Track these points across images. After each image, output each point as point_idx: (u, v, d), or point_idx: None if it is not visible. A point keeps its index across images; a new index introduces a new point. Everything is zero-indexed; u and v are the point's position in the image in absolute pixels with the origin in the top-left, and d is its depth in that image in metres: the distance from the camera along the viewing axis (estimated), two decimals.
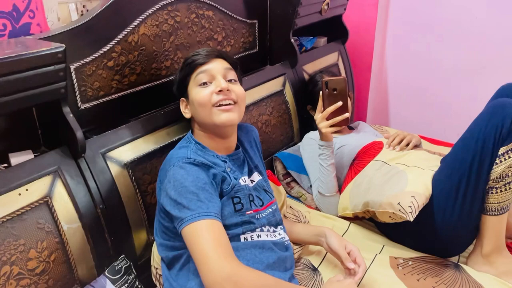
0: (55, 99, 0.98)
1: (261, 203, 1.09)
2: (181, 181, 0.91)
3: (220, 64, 1.08)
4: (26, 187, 0.97)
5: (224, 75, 1.06)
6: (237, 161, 1.12)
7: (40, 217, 0.98)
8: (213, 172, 0.99)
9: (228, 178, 1.02)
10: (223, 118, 1.02)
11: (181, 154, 1.00)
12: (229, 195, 1.01)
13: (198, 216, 0.88)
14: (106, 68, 1.19)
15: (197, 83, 1.05)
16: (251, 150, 1.19)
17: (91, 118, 1.18)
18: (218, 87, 1.02)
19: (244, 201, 1.03)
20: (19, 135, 1.11)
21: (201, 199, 0.90)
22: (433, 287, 1.16)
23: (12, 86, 0.89)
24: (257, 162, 1.19)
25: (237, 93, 1.05)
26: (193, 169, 0.95)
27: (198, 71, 1.06)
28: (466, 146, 1.20)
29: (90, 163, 1.09)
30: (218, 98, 1.02)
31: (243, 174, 1.10)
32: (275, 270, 1.00)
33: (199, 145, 1.06)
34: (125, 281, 1.09)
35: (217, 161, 1.05)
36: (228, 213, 0.99)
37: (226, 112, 1.02)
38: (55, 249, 1.01)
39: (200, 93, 1.04)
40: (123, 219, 1.15)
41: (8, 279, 0.93)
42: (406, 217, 1.20)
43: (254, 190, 1.10)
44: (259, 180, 1.14)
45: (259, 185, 1.13)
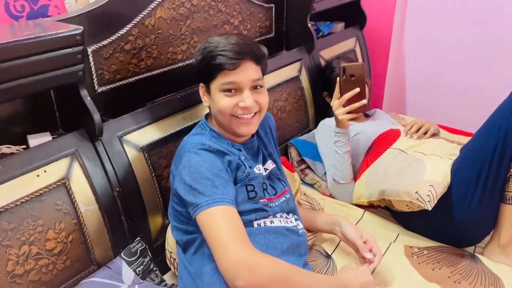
0: (72, 82, 0.98)
1: (275, 191, 1.08)
2: (196, 167, 0.91)
3: (249, 72, 0.98)
4: (44, 168, 0.98)
5: (252, 85, 1.00)
6: (251, 150, 1.10)
7: (58, 198, 0.99)
8: (228, 159, 0.98)
9: (243, 166, 1.02)
10: (242, 130, 1.01)
11: (196, 140, 0.99)
12: (243, 182, 1.00)
13: (213, 202, 0.87)
14: (123, 51, 1.19)
15: (221, 88, 0.99)
16: (265, 138, 1.17)
17: (107, 102, 1.19)
18: (243, 104, 0.98)
19: (258, 189, 1.02)
20: (37, 118, 1.12)
21: (216, 185, 0.89)
22: (448, 277, 1.14)
23: (30, 68, 0.89)
24: (271, 150, 1.17)
25: (261, 103, 1.01)
26: (208, 156, 0.94)
27: (225, 79, 0.97)
28: (489, 133, 1.17)
29: (107, 146, 1.10)
30: (241, 112, 0.99)
31: (258, 163, 1.09)
32: (290, 255, 1.00)
33: (214, 133, 1.05)
34: (141, 263, 1.10)
35: (231, 149, 1.03)
36: (242, 200, 0.98)
37: (246, 125, 1.01)
38: (73, 230, 1.02)
39: (223, 101, 0.99)
40: (139, 202, 1.15)
41: (27, 258, 0.94)
42: (424, 206, 1.19)
43: (268, 179, 1.09)
44: (272, 168, 1.13)
45: (273, 174, 1.12)
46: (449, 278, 1.14)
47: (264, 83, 1.03)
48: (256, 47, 1.02)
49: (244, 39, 1.02)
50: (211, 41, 1.01)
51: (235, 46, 0.98)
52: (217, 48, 0.98)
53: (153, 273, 1.14)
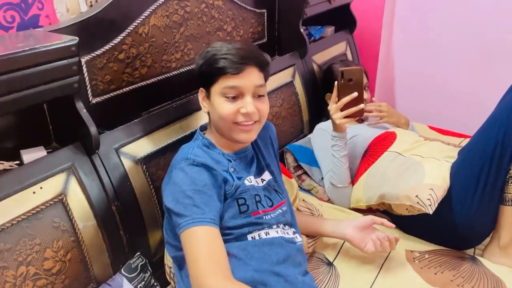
0: (68, 94, 0.95)
1: (271, 203, 1.04)
2: (180, 185, 0.90)
3: (252, 77, 0.96)
4: (40, 185, 0.94)
5: (254, 92, 0.97)
6: (244, 160, 1.07)
7: (56, 215, 0.96)
8: (214, 173, 0.95)
9: (231, 180, 0.98)
10: (242, 137, 0.99)
11: (183, 154, 0.97)
12: (233, 196, 0.97)
13: (192, 222, 0.85)
14: (117, 60, 1.16)
15: (223, 93, 0.96)
16: (264, 148, 1.14)
17: (102, 113, 1.15)
18: (245, 110, 0.95)
19: (250, 202, 0.99)
20: (29, 132, 1.08)
21: (196, 203, 0.87)
22: (451, 280, 1.14)
23: (24, 81, 0.86)
24: (269, 161, 1.13)
25: (261, 112, 0.99)
26: (192, 170, 0.92)
27: (227, 82, 0.95)
28: (487, 135, 1.18)
29: (104, 159, 1.06)
30: (242, 119, 0.96)
31: (249, 174, 1.05)
32: (286, 266, 0.97)
33: (206, 141, 1.03)
34: (142, 279, 1.07)
35: (221, 160, 1.01)
36: (233, 214, 0.96)
37: (246, 132, 0.98)
38: (71, 248, 0.98)
39: (224, 107, 0.96)
40: (137, 216, 1.12)
41: (25, 279, 0.90)
42: (425, 209, 1.19)
43: (264, 190, 1.05)
44: (270, 179, 1.09)
45: (270, 185, 1.08)
46: (452, 281, 1.14)
47: (265, 92, 1.01)
48: (260, 54, 1.01)
49: (249, 45, 1.01)
50: (214, 45, 1.00)
51: (240, 51, 0.96)
52: (220, 52, 0.96)
53: None
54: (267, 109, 1.01)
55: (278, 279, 0.93)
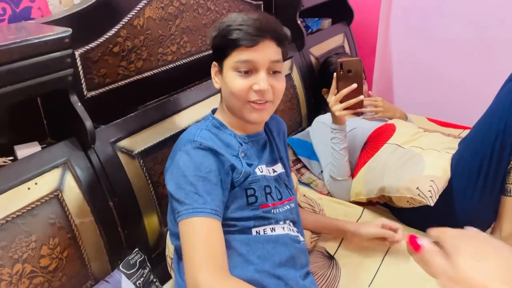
0: (62, 87, 0.93)
1: (280, 196, 0.98)
2: (183, 170, 0.83)
3: (268, 52, 0.87)
4: (35, 180, 0.92)
5: (269, 67, 0.88)
6: (256, 144, 0.99)
7: (51, 212, 0.94)
8: (221, 159, 0.88)
9: (239, 166, 0.91)
10: (254, 117, 0.90)
11: (189, 136, 0.89)
12: (242, 185, 0.91)
13: (192, 212, 0.80)
14: (112, 53, 1.14)
15: (235, 67, 0.88)
16: (279, 141, 1.07)
17: (97, 107, 1.13)
18: (258, 87, 0.87)
19: (259, 194, 0.92)
20: (23, 127, 1.06)
21: (198, 191, 0.81)
22: None
23: (16, 74, 0.84)
24: (282, 154, 1.07)
25: (276, 90, 0.90)
26: (197, 154, 0.85)
27: (240, 56, 0.87)
28: (488, 126, 1.17)
29: (100, 154, 1.04)
30: (254, 98, 0.88)
31: (261, 162, 0.97)
32: (288, 268, 0.92)
33: (217, 121, 0.95)
34: (141, 275, 1.05)
35: (232, 142, 0.93)
36: (240, 205, 0.90)
37: (259, 111, 0.90)
38: (68, 244, 0.96)
39: (236, 83, 0.88)
40: (135, 212, 1.10)
41: (21, 277, 0.88)
42: (426, 201, 1.18)
43: (275, 181, 0.99)
44: (281, 172, 1.03)
45: (281, 178, 1.02)
46: None
47: (282, 69, 0.92)
48: (279, 26, 0.91)
49: (266, 16, 0.91)
50: (230, 16, 0.91)
51: (256, 22, 0.87)
52: (235, 22, 0.88)
53: (153, 284, 1.09)
54: (283, 88, 0.92)
55: (278, 283, 0.88)
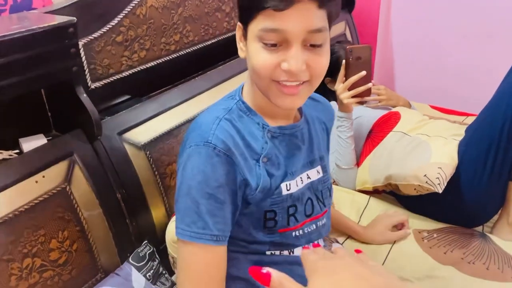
0: (67, 78, 0.91)
1: (310, 212, 0.80)
2: (189, 177, 0.68)
3: (305, 17, 0.63)
4: (43, 173, 0.91)
5: (306, 39, 0.65)
6: (289, 141, 0.78)
7: (59, 205, 0.93)
8: (235, 168, 0.70)
9: (255, 180, 0.72)
10: (282, 102, 0.69)
11: (204, 128, 0.71)
12: (260, 206, 0.73)
13: (189, 236, 0.67)
14: (115, 43, 1.12)
15: (260, 37, 0.65)
16: (321, 134, 0.87)
17: (102, 98, 1.11)
18: (286, 66, 0.65)
19: (280, 217, 0.75)
20: (27, 119, 1.04)
21: (200, 212, 0.67)
22: (462, 258, 1.13)
23: (21, 65, 0.82)
24: (324, 152, 0.86)
25: (314, 69, 0.67)
26: (208, 162, 0.68)
27: (266, 22, 0.64)
28: (495, 112, 1.16)
29: (107, 145, 1.03)
30: (283, 78, 0.66)
31: (290, 174, 0.77)
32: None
33: (244, 105, 0.76)
34: (150, 267, 1.05)
35: (256, 137, 0.74)
36: (255, 226, 0.75)
37: (288, 96, 0.68)
38: (77, 238, 0.95)
39: (259, 57, 0.66)
40: (143, 203, 1.09)
41: (31, 271, 0.87)
42: (434, 189, 1.17)
43: (306, 193, 0.80)
44: (317, 179, 0.82)
45: (314, 187, 0.82)
46: (463, 259, 1.13)
47: (327, 39, 0.68)
48: None
49: None
50: None
51: None
52: None
53: (163, 276, 1.08)
54: (324, 65, 0.69)
55: None
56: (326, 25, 0.66)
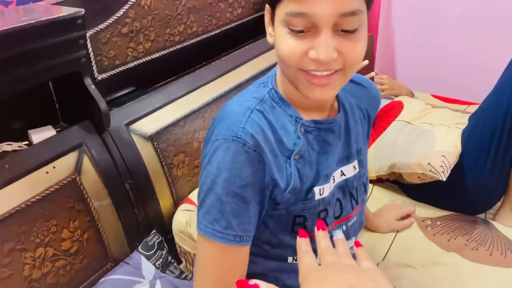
0: (76, 70, 0.91)
1: (339, 213, 0.75)
2: (214, 172, 0.63)
3: (334, 0, 0.55)
4: (53, 164, 0.92)
5: (337, 23, 0.57)
6: (327, 137, 0.71)
7: (70, 195, 0.94)
8: (263, 166, 0.65)
9: (285, 181, 0.67)
10: (311, 94, 0.63)
11: (234, 120, 0.65)
12: (290, 209, 0.68)
13: (211, 233, 0.64)
14: (121, 35, 1.12)
15: (286, 22, 0.59)
16: (360, 124, 0.79)
17: (108, 90, 1.12)
18: (314, 55, 0.58)
19: (310, 222, 0.70)
20: (35, 111, 1.05)
21: (224, 210, 0.63)
22: (465, 245, 1.15)
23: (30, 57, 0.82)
24: (361, 144, 0.79)
25: (347, 58, 0.60)
26: (237, 159, 0.63)
27: (291, 6, 0.57)
28: (499, 99, 1.17)
29: (115, 136, 1.03)
30: (311, 67, 0.60)
31: (327, 170, 0.71)
32: None
33: (276, 95, 0.69)
34: (159, 256, 1.06)
35: (288, 132, 0.68)
36: (282, 229, 0.70)
37: (319, 87, 0.61)
38: (88, 227, 0.97)
39: (285, 44, 0.60)
40: (151, 194, 1.10)
41: (44, 261, 0.89)
42: (438, 177, 1.19)
43: (338, 193, 0.75)
44: (352, 176, 0.77)
45: (348, 185, 0.76)
46: (466, 246, 1.15)
47: (364, 22, 0.60)
48: None
49: None
50: None
51: None
52: None
53: (172, 265, 1.10)
54: (360, 52, 0.61)
55: None
56: (363, 6, 0.58)
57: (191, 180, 1.20)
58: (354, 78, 0.80)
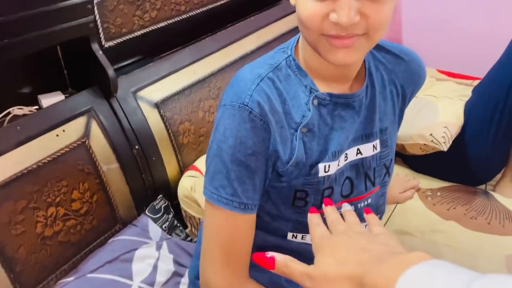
0: (84, 34, 0.93)
1: (348, 192, 0.71)
2: (220, 139, 0.63)
3: None
4: (63, 128, 0.95)
5: None
6: (344, 112, 0.67)
7: (80, 158, 0.97)
8: (269, 136, 0.63)
9: (287, 154, 0.65)
10: (334, 58, 0.58)
11: (243, 86, 0.63)
12: (291, 184, 0.66)
13: (217, 199, 0.64)
14: (127, 2, 1.13)
15: None
16: (391, 100, 0.74)
17: (115, 57, 1.13)
18: (335, 17, 0.54)
19: (312, 198, 0.68)
20: (44, 77, 1.07)
21: (229, 176, 0.63)
22: (464, 214, 1.18)
23: (39, 21, 0.85)
24: (388, 122, 0.74)
25: (371, 21, 0.55)
26: (242, 127, 0.61)
27: None
28: (503, 72, 1.18)
29: (122, 103, 1.06)
30: (332, 31, 0.56)
31: (338, 147, 0.67)
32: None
33: (294, 62, 0.66)
34: (166, 219, 1.10)
35: (300, 102, 0.65)
36: (282, 202, 0.69)
37: (342, 49, 0.57)
38: (97, 190, 1.00)
39: (306, 8, 0.56)
40: (158, 160, 1.13)
41: (55, 220, 0.93)
42: (439, 147, 1.20)
43: (349, 171, 0.71)
44: (371, 156, 0.72)
45: (364, 165, 0.72)
46: (465, 215, 1.17)
47: None
48: None
49: None
50: None
51: None
52: None
53: (178, 229, 1.14)
54: (386, 15, 0.56)
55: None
56: None
57: (197, 148, 1.23)
58: (394, 49, 0.74)
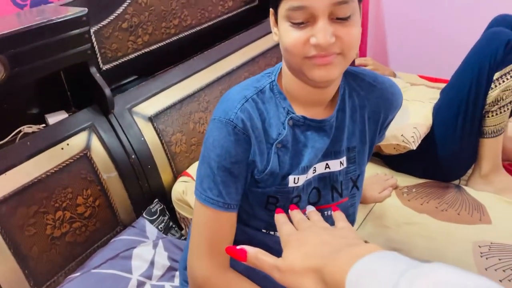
0: (83, 60, 1.07)
1: (316, 199, 0.82)
2: (209, 148, 0.74)
3: None
4: (67, 142, 1.08)
5: (332, 12, 0.65)
6: (316, 133, 0.77)
7: (82, 168, 1.10)
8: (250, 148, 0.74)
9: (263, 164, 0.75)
10: (317, 74, 0.68)
11: (231, 104, 0.74)
12: (264, 190, 0.77)
13: (205, 199, 0.75)
14: (121, 29, 1.27)
15: (287, 16, 0.67)
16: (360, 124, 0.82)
17: (113, 78, 1.27)
18: (315, 41, 0.65)
19: (282, 204, 0.78)
20: (51, 99, 1.21)
21: (215, 180, 0.74)
22: (436, 207, 1.28)
23: (44, 50, 0.98)
24: (357, 142, 0.82)
25: (345, 40, 0.66)
26: (228, 139, 0.73)
27: (293, 2, 0.65)
28: (464, 74, 1.29)
29: (119, 118, 1.19)
30: (313, 53, 0.66)
31: (308, 163, 0.77)
32: None
33: (276, 87, 0.77)
34: (161, 221, 1.22)
35: (277, 121, 0.76)
36: (256, 204, 0.80)
37: (322, 67, 0.67)
38: (99, 195, 1.13)
39: (290, 36, 0.67)
40: (153, 168, 1.26)
41: (63, 222, 1.06)
42: (409, 146, 1.31)
43: (317, 182, 0.81)
44: (337, 171, 0.81)
45: (332, 178, 0.82)
46: (437, 208, 1.27)
47: (356, 10, 0.67)
48: None
49: None
50: None
51: None
52: None
53: (173, 229, 1.26)
54: (355, 36, 0.68)
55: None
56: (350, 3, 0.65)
57: (189, 156, 1.36)
58: (368, 78, 0.83)
